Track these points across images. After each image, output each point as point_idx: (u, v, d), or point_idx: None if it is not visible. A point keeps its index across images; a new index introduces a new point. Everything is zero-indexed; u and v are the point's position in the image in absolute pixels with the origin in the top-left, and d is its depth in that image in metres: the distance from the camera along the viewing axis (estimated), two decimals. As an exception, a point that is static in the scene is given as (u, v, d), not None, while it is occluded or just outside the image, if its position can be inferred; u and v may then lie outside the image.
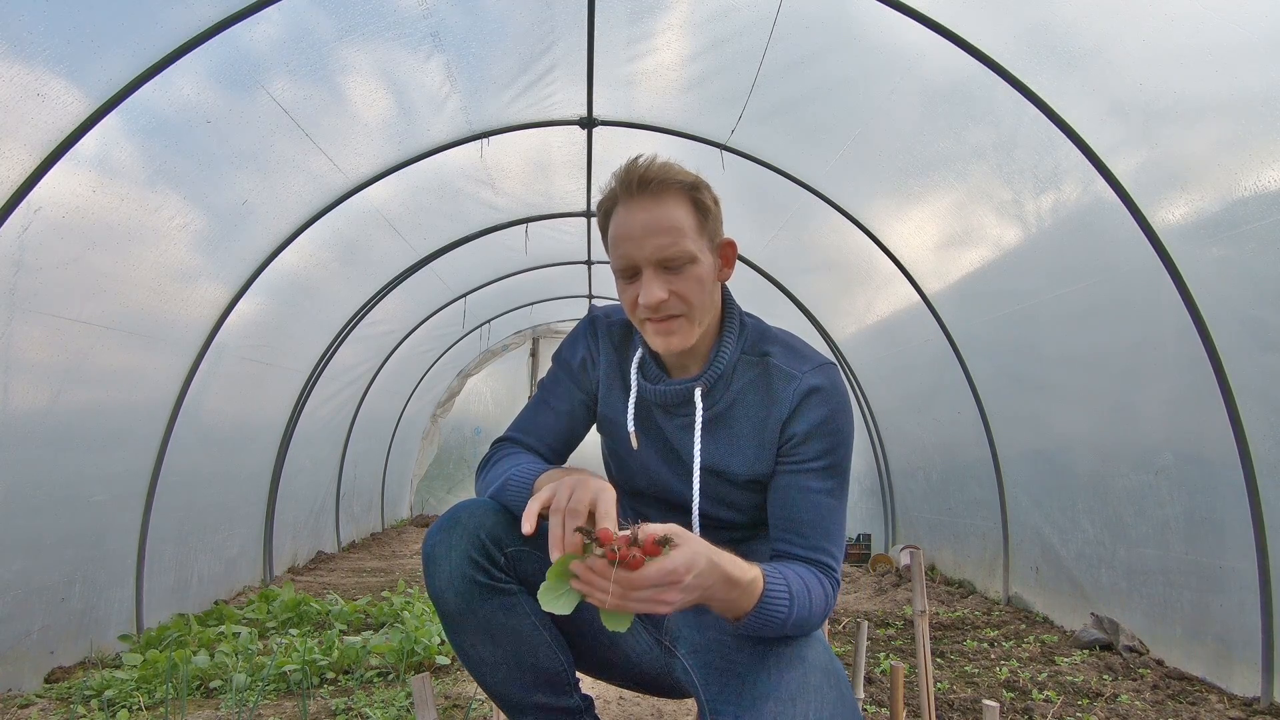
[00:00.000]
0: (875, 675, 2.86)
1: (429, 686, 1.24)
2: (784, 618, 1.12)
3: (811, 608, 1.16)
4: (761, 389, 1.30)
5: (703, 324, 1.26)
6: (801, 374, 1.27)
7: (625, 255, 1.21)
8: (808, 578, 1.18)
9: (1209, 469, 2.75)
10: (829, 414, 1.26)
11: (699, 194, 1.23)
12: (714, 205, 1.26)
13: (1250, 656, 2.60)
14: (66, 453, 2.96)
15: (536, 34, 3.27)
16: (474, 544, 1.22)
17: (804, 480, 1.25)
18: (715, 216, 1.27)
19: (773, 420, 1.28)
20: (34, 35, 2.22)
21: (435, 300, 6.14)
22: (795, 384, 1.27)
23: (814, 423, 1.25)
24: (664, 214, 1.19)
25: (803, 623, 1.15)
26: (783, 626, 1.13)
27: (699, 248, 1.22)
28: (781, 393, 1.27)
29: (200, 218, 3.30)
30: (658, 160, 1.23)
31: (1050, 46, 2.69)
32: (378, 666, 2.98)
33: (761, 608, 1.10)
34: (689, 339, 1.25)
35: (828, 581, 1.22)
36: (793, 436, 1.26)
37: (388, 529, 8.08)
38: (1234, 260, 2.55)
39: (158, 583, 3.63)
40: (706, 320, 1.27)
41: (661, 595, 0.97)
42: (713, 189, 1.27)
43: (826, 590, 1.20)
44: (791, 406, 1.26)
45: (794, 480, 1.26)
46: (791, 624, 1.13)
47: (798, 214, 4.58)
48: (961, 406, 4.29)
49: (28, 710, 2.55)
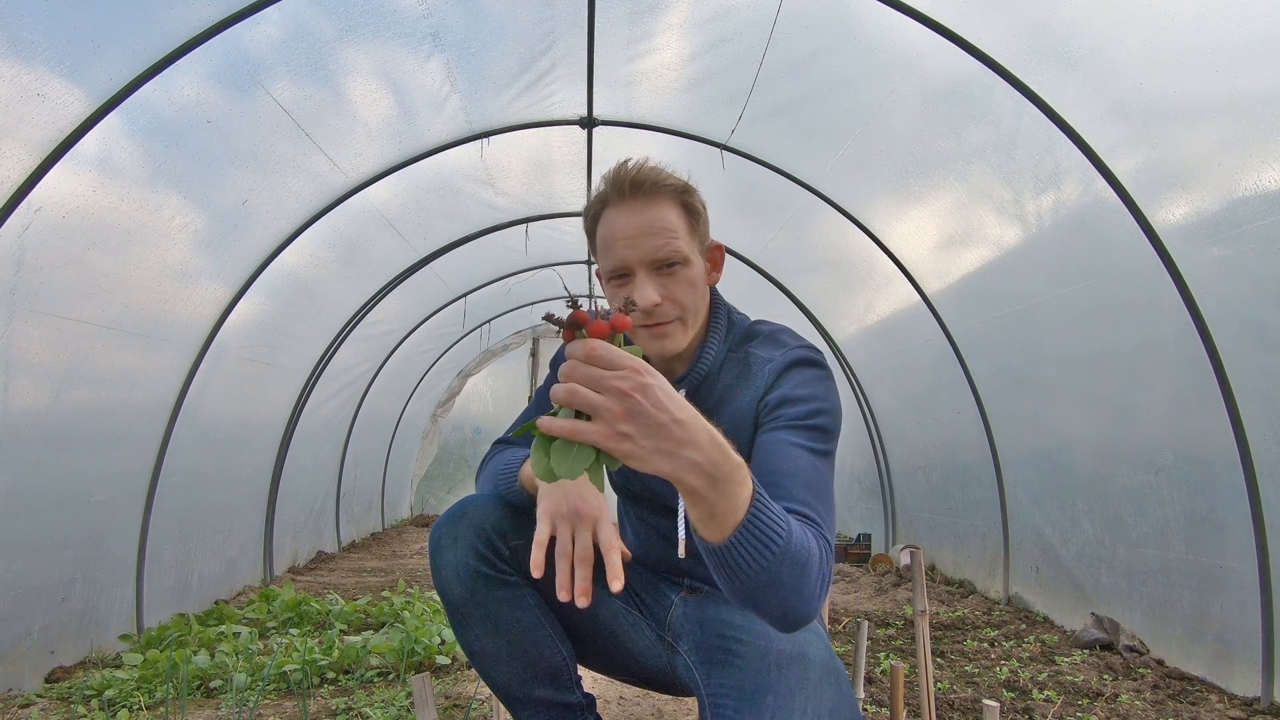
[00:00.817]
0: (875, 675, 2.87)
1: (429, 686, 1.24)
2: (782, 539, 0.87)
3: (808, 547, 0.93)
4: (743, 380, 1.29)
5: (695, 327, 1.27)
6: (776, 356, 1.26)
7: (618, 257, 1.20)
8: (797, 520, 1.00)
9: (1209, 469, 2.75)
10: (805, 380, 1.20)
11: (690, 197, 1.24)
12: (703, 209, 1.27)
13: (1250, 656, 2.60)
14: (67, 453, 2.96)
15: (536, 34, 3.27)
16: (479, 537, 1.24)
17: (785, 435, 1.13)
18: (705, 220, 1.27)
19: (750, 401, 1.24)
20: (34, 35, 2.22)
21: (435, 300, 6.14)
22: (770, 364, 1.25)
23: (791, 388, 1.20)
24: (657, 215, 1.20)
25: (800, 564, 0.90)
26: (781, 555, 0.87)
27: (691, 250, 1.23)
28: (757, 375, 1.26)
29: (200, 217, 3.30)
30: (648, 163, 1.23)
31: (1050, 46, 2.69)
32: (378, 666, 2.98)
33: (754, 516, 0.85)
34: (681, 343, 1.24)
35: (817, 535, 0.99)
36: (769, 403, 1.20)
37: (388, 529, 8.08)
38: (1234, 260, 2.55)
39: (158, 582, 3.63)
40: (698, 323, 1.28)
41: (622, 385, 0.73)
42: (700, 193, 1.28)
43: (819, 544, 0.96)
44: (768, 383, 1.23)
45: (774, 436, 1.14)
46: (791, 556, 0.88)
47: (798, 214, 4.58)
48: (962, 406, 4.29)
49: (28, 710, 2.55)
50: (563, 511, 1.12)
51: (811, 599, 0.94)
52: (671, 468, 0.77)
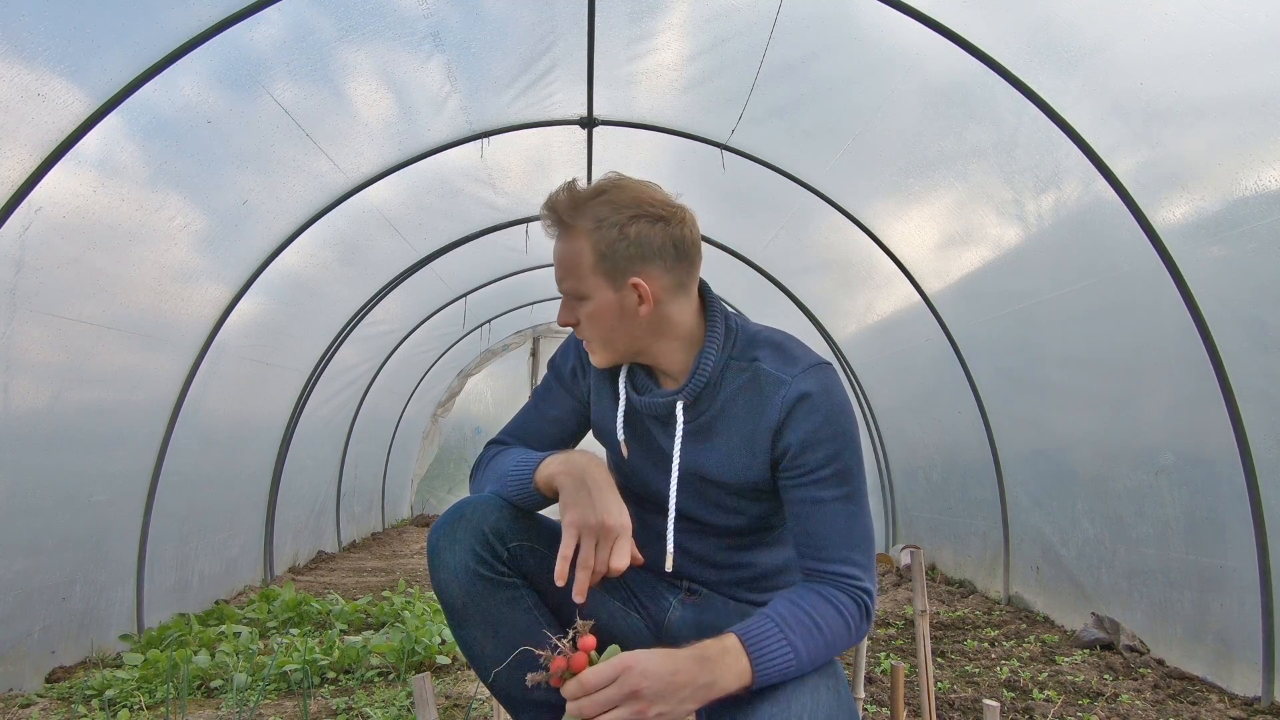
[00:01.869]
0: (876, 675, 2.87)
1: (429, 686, 1.24)
2: (789, 654, 1.07)
3: (824, 628, 1.12)
4: (751, 395, 1.28)
5: (617, 350, 1.30)
6: (791, 378, 1.24)
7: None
8: (806, 599, 1.14)
9: (1210, 469, 2.75)
10: (824, 419, 1.21)
11: (600, 234, 1.21)
12: (621, 244, 1.22)
13: (1251, 656, 2.60)
14: (67, 453, 2.96)
15: (537, 33, 3.27)
16: (478, 538, 1.24)
17: (813, 492, 1.21)
18: (623, 254, 1.22)
19: (762, 429, 1.25)
20: (34, 35, 2.22)
21: (435, 300, 6.14)
22: (784, 390, 1.24)
23: (809, 430, 1.21)
24: (566, 249, 1.25)
25: (828, 646, 1.12)
26: (800, 661, 1.08)
27: (595, 286, 1.24)
28: (771, 399, 1.25)
29: (201, 217, 3.30)
30: (578, 187, 1.25)
31: (1051, 46, 2.69)
32: (378, 666, 2.98)
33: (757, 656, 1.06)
34: (604, 361, 1.32)
35: (847, 599, 1.16)
36: (789, 448, 1.22)
37: (388, 529, 8.08)
38: (1235, 260, 2.55)
39: (158, 582, 3.64)
40: (621, 347, 1.29)
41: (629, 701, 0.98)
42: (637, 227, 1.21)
43: (847, 612, 1.15)
44: (781, 415, 1.23)
45: (804, 494, 1.22)
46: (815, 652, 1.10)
47: (798, 214, 4.58)
48: (962, 406, 4.29)
49: (29, 710, 2.55)
50: (590, 524, 1.13)
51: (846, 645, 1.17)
52: (694, 705, 1.03)
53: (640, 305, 1.25)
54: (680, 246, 1.24)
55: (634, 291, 1.24)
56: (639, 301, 1.24)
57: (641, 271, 1.23)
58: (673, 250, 1.24)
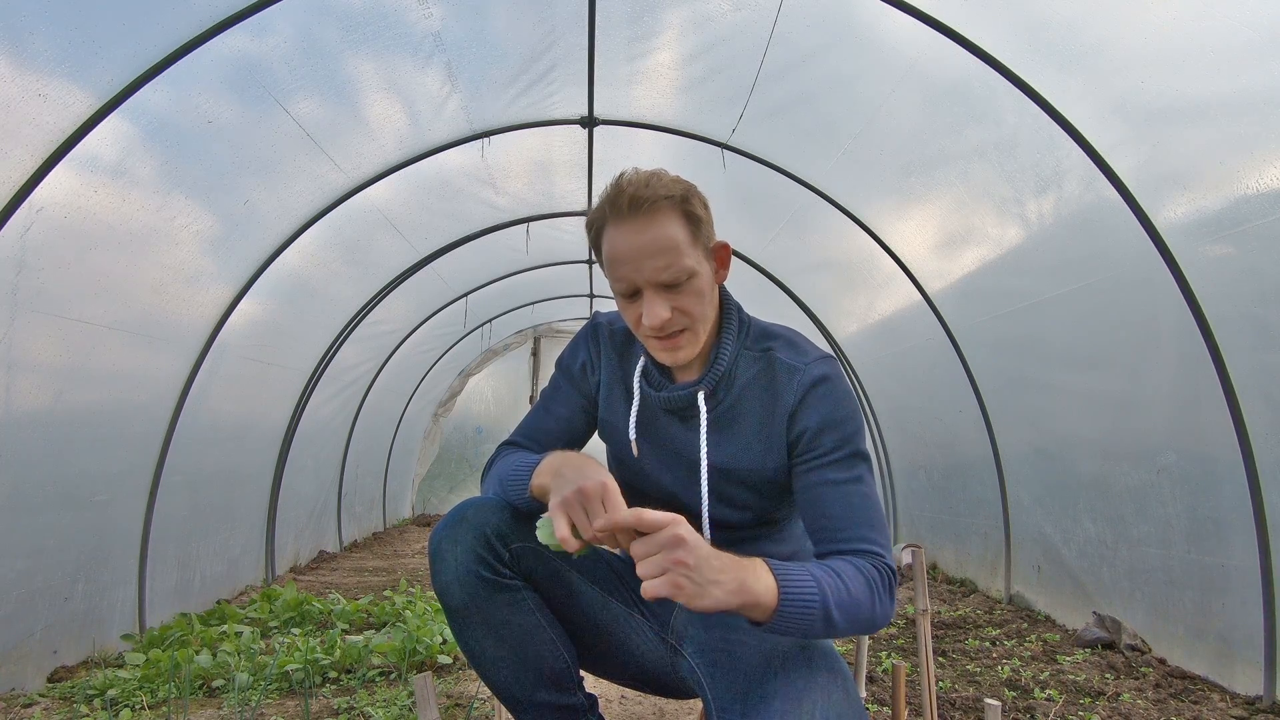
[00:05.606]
0: (877, 674, 2.87)
1: (431, 685, 1.24)
2: (810, 581, 1.05)
3: (851, 592, 1.09)
4: (766, 383, 1.30)
5: (706, 331, 1.27)
6: (805, 365, 1.28)
7: (625, 279, 1.21)
8: (837, 565, 1.13)
9: (1211, 468, 2.75)
10: (838, 402, 1.25)
11: (689, 205, 1.21)
12: (704, 211, 1.25)
13: (1252, 655, 2.60)
14: (69, 452, 2.97)
15: (537, 34, 3.27)
16: (479, 540, 1.24)
17: (828, 474, 1.23)
18: (707, 222, 1.25)
19: (779, 413, 1.27)
20: (35, 36, 2.23)
21: (437, 300, 6.15)
22: (799, 375, 1.27)
23: (826, 413, 1.24)
24: (658, 233, 1.18)
25: (851, 609, 1.08)
26: (823, 611, 1.05)
27: (695, 260, 1.21)
28: (786, 385, 1.27)
29: (202, 218, 3.30)
30: (643, 174, 1.21)
31: (1051, 45, 2.69)
32: (380, 666, 2.98)
33: (785, 593, 1.03)
34: (695, 350, 1.26)
35: (870, 566, 1.14)
36: (804, 432, 1.25)
37: (390, 528, 8.09)
38: (1236, 259, 2.55)
39: (160, 582, 3.64)
40: (709, 326, 1.28)
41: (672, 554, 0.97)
42: (700, 192, 1.25)
43: (870, 576, 1.13)
44: (797, 398, 1.26)
45: (818, 477, 1.23)
46: (834, 608, 1.06)
47: (799, 213, 4.58)
48: (963, 405, 4.29)
49: (31, 709, 2.56)
50: (568, 498, 1.09)
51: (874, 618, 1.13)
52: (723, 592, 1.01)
53: (719, 272, 1.29)
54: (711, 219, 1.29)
55: (713, 258, 1.27)
56: (716, 268, 1.29)
57: (714, 237, 1.28)
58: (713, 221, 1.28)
